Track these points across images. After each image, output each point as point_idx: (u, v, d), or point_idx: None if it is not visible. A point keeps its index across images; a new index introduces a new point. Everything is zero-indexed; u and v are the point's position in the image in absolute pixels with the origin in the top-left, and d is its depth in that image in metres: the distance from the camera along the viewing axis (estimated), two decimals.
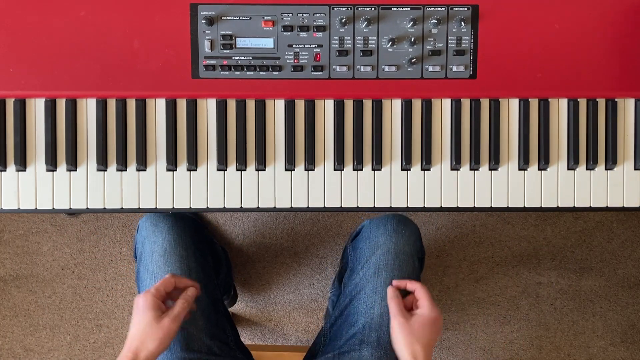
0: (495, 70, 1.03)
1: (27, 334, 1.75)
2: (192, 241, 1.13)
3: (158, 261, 1.09)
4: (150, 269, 1.09)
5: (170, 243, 1.10)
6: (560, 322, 1.79)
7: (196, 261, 1.11)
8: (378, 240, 1.12)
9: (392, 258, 1.09)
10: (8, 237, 1.73)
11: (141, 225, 1.15)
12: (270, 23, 1.01)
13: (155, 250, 1.10)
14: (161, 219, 1.13)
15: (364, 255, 1.13)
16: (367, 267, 1.10)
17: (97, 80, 1.01)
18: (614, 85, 1.04)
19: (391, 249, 1.10)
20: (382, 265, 1.09)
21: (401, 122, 1.05)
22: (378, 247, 1.11)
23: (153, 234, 1.11)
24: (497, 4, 1.02)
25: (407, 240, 1.12)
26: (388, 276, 1.08)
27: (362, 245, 1.15)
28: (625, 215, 1.79)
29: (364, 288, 1.09)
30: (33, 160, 1.03)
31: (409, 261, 1.10)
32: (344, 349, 1.08)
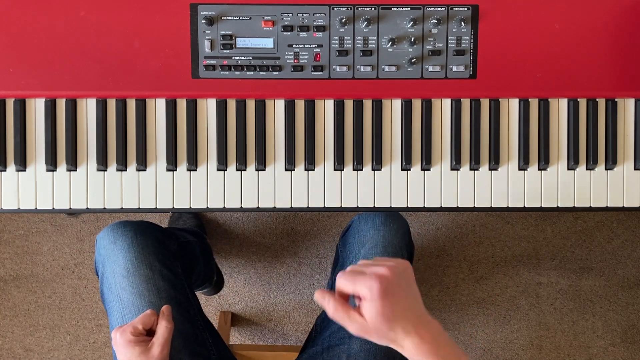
0: (495, 70, 1.03)
1: (27, 334, 1.75)
2: (157, 257, 1.06)
3: (122, 282, 1.03)
4: (115, 290, 1.04)
5: (132, 262, 1.03)
6: (560, 322, 1.79)
7: (164, 278, 1.05)
8: (366, 234, 1.11)
9: (380, 251, 1.09)
10: (8, 237, 1.73)
11: (99, 242, 1.09)
12: (270, 23, 1.01)
13: (117, 270, 1.04)
14: (119, 235, 1.06)
15: (352, 250, 1.12)
16: (356, 261, 1.10)
17: (97, 80, 1.01)
18: (614, 85, 1.04)
19: (379, 243, 1.09)
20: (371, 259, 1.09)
21: (401, 122, 1.05)
22: (366, 241, 1.10)
23: (113, 253, 1.05)
24: (497, 4, 1.02)
25: (395, 233, 1.11)
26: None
27: (351, 240, 1.14)
28: (625, 215, 1.79)
29: None
30: (33, 160, 1.03)
31: (397, 254, 1.10)
32: (333, 342, 1.08)
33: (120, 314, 1.03)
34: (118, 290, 1.03)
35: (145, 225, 1.10)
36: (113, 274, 1.04)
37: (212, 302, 1.76)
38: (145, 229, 1.09)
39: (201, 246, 1.44)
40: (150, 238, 1.07)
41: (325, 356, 1.08)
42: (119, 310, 1.03)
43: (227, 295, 1.76)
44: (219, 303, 1.76)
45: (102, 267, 1.07)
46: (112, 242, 1.06)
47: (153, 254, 1.06)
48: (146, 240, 1.06)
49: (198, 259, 1.36)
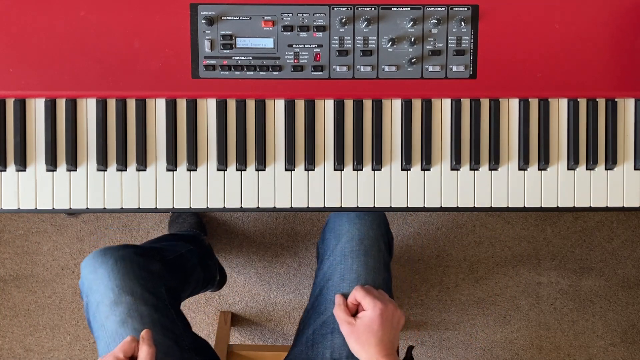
0: (495, 70, 1.03)
1: (27, 334, 1.75)
2: (138, 282, 1.06)
3: (105, 312, 1.04)
4: (99, 319, 1.04)
5: (113, 291, 1.04)
6: (560, 322, 1.79)
7: (146, 303, 1.05)
8: (342, 228, 1.12)
9: (356, 244, 1.10)
10: (8, 237, 1.73)
11: (82, 271, 1.10)
12: (270, 23, 1.01)
13: (99, 300, 1.05)
14: (100, 264, 1.07)
15: (329, 245, 1.14)
16: (334, 255, 1.11)
17: (97, 80, 1.01)
18: (614, 85, 1.04)
19: (355, 236, 1.11)
20: (348, 252, 1.10)
21: (401, 122, 1.05)
22: (342, 235, 1.12)
23: (94, 283, 1.06)
24: (497, 4, 1.02)
25: (371, 224, 1.12)
26: (354, 262, 1.09)
27: (328, 236, 1.16)
28: (625, 215, 1.79)
29: (332, 276, 1.10)
30: (33, 160, 1.03)
31: (374, 245, 1.11)
32: (317, 338, 1.09)
33: (105, 343, 1.03)
34: (102, 319, 1.04)
35: (126, 250, 1.10)
36: (96, 304, 1.05)
37: (212, 302, 1.76)
38: (125, 255, 1.09)
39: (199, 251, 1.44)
40: (131, 263, 1.08)
41: (310, 354, 1.09)
42: (104, 339, 1.04)
43: (227, 295, 1.76)
44: (218, 303, 1.76)
45: (86, 297, 1.08)
46: (93, 272, 1.07)
47: (134, 280, 1.06)
48: (126, 267, 1.07)
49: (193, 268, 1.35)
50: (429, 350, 1.80)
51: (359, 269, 1.09)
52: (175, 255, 1.27)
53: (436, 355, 1.80)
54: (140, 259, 1.10)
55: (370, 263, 1.10)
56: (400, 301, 1.78)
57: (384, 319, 0.99)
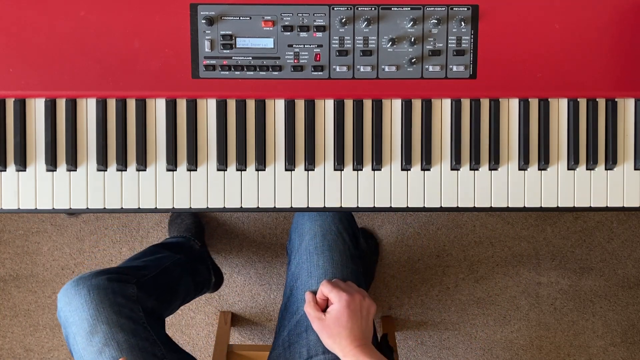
0: (495, 70, 1.03)
1: (27, 334, 1.75)
2: (113, 309, 1.05)
3: (82, 343, 1.03)
4: (77, 351, 1.04)
5: (88, 321, 1.03)
6: (560, 322, 1.79)
7: (123, 329, 1.04)
8: (304, 227, 1.14)
9: (320, 240, 1.11)
10: (8, 237, 1.73)
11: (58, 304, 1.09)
12: (270, 23, 1.01)
13: (76, 332, 1.04)
14: (74, 295, 1.06)
15: (294, 245, 1.15)
16: (299, 255, 1.12)
17: (97, 80, 1.01)
18: (614, 85, 1.04)
19: (318, 232, 1.11)
20: (312, 250, 1.10)
21: (401, 122, 1.05)
22: (305, 234, 1.12)
23: (70, 315, 1.05)
24: (497, 4, 1.02)
25: (332, 219, 1.13)
26: (320, 258, 1.10)
27: (292, 236, 1.17)
28: (625, 215, 1.79)
29: (300, 276, 1.11)
30: (33, 160, 1.03)
31: (337, 239, 1.11)
32: (292, 339, 1.09)
33: None
34: (80, 351, 1.04)
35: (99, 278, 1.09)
36: (73, 336, 1.04)
37: (212, 302, 1.76)
38: (99, 283, 1.07)
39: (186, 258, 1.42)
40: (105, 291, 1.07)
41: (288, 355, 1.09)
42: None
43: (227, 295, 1.76)
44: (218, 303, 1.76)
45: (65, 328, 1.07)
46: (68, 304, 1.06)
47: (109, 307, 1.05)
48: (100, 295, 1.05)
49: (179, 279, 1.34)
50: (429, 350, 1.80)
51: (325, 264, 1.10)
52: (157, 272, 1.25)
53: (436, 355, 1.80)
54: (114, 285, 1.09)
55: (335, 257, 1.10)
56: (400, 301, 1.78)
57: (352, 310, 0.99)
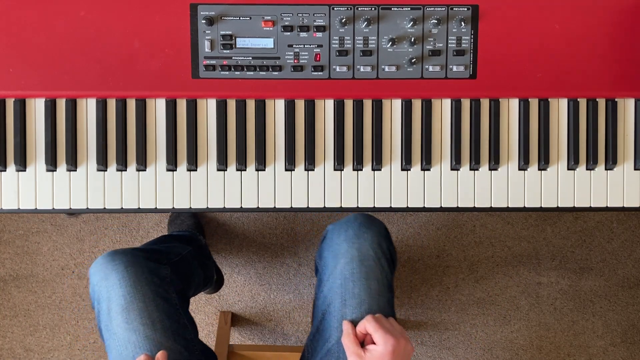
0: (495, 70, 1.03)
1: (27, 334, 1.75)
2: (150, 288, 1.04)
3: (117, 319, 1.02)
4: (111, 328, 1.03)
5: (125, 298, 1.02)
6: (560, 322, 1.79)
7: (158, 309, 1.04)
8: (340, 248, 1.06)
9: (357, 266, 1.04)
10: (8, 237, 1.73)
11: (91, 278, 1.07)
12: (270, 23, 1.01)
13: (111, 307, 1.03)
14: (110, 271, 1.04)
15: (328, 265, 1.07)
16: (333, 278, 1.05)
17: (97, 80, 1.01)
18: (614, 85, 1.04)
19: (355, 257, 1.04)
20: (348, 275, 1.04)
21: (401, 122, 1.05)
22: (341, 256, 1.05)
23: (105, 290, 1.04)
24: (497, 4, 1.02)
25: (371, 243, 1.05)
26: (355, 286, 1.03)
27: (325, 254, 1.09)
28: (625, 215, 1.79)
29: (333, 301, 1.05)
30: (33, 160, 1.03)
31: (376, 266, 1.05)
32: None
33: (117, 352, 1.02)
34: (114, 327, 1.02)
35: (135, 255, 1.08)
36: (108, 311, 1.03)
37: (212, 302, 1.76)
38: (135, 259, 1.07)
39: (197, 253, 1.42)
40: (142, 268, 1.06)
41: None
42: (116, 348, 1.02)
43: (227, 295, 1.76)
44: (219, 303, 1.76)
45: (98, 304, 1.06)
46: (103, 279, 1.04)
47: (146, 286, 1.04)
48: (137, 273, 1.05)
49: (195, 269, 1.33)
50: (429, 350, 1.80)
51: (361, 294, 1.03)
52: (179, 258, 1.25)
53: (436, 355, 1.80)
54: (150, 264, 1.08)
55: (373, 286, 1.04)
56: (400, 301, 1.78)
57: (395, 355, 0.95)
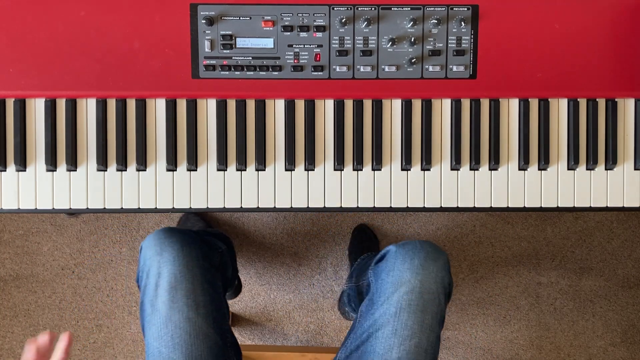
0: (495, 70, 1.03)
1: (27, 334, 1.75)
2: (200, 271, 1.04)
3: (163, 296, 1.02)
4: (156, 304, 1.02)
5: (175, 276, 1.02)
6: (560, 322, 1.79)
7: (204, 294, 1.04)
8: (402, 276, 1.03)
9: (416, 298, 1.02)
10: (8, 237, 1.73)
11: (144, 252, 1.06)
12: (270, 23, 1.01)
13: (160, 284, 1.02)
14: (166, 246, 1.04)
15: (385, 290, 1.05)
16: (388, 304, 1.03)
17: (97, 80, 1.01)
18: (614, 85, 1.04)
19: (416, 288, 1.02)
20: (405, 305, 1.02)
21: (401, 122, 1.05)
22: (402, 284, 1.03)
23: (158, 265, 1.03)
24: (497, 4, 1.02)
25: (435, 277, 1.03)
26: (410, 318, 1.01)
27: (384, 277, 1.06)
28: (625, 215, 1.79)
29: (383, 327, 1.03)
30: (33, 160, 1.03)
31: (434, 300, 1.03)
32: None
33: (157, 329, 1.02)
34: (158, 304, 1.02)
35: (191, 236, 1.08)
36: (155, 287, 1.02)
37: None
38: (191, 240, 1.06)
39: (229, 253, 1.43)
40: (196, 251, 1.05)
41: None
42: (156, 325, 1.02)
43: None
44: None
45: (146, 277, 1.05)
46: (158, 254, 1.03)
47: (197, 268, 1.04)
48: (191, 254, 1.04)
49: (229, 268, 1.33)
50: None
51: (414, 326, 1.01)
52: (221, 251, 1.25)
53: None
54: (204, 248, 1.08)
55: (427, 320, 1.02)
56: None
57: None
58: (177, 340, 1.00)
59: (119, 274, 1.72)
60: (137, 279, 1.09)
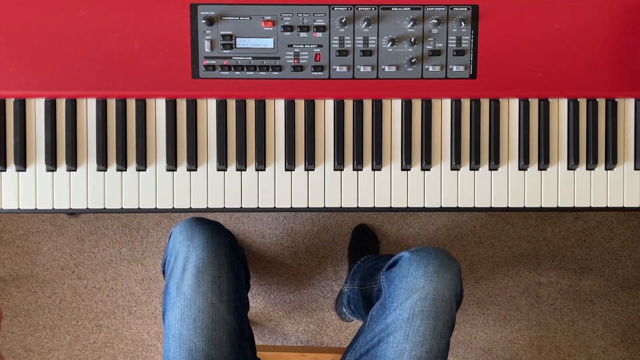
0: (495, 70, 1.03)
1: (27, 334, 1.75)
2: (227, 260, 1.08)
3: (189, 280, 1.04)
4: (181, 287, 1.05)
5: (204, 261, 1.05)
6: (560, 322, 1.79)
7: (228, 282, 1.07)
8: (416, 283, 1.04)
9: (429, 304, 1.03)
10: (8, 237, 1.73)
11: (174, 236, 1.09)
12: (270, 23, 1.01)
13: (187, 267, 1.05)
14: (197, 233, 1.07)
15: (398, 295, 1.06)
16: (401, 309, 1.04)
17: (97, 80, 1.01)
18: (614, 85, 1.04)
19: (429, 295, 1.03)
20: (418, 312, 1.03)
21: (401, 122, 1.05)
22: (415, 291, 1.03)
23: (187, 249, 1.06)
24: (497, 4, 1.02)
25: (448, 285, 1.04)
26: (422, 324, 1.02)
27: (397, 283, 1.07)
28: (625, 215, 1.79)
29: (395, 332, 1.04)
30: (33, 160, 1.03)
31: (446, 308, 1.04)
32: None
33: (180, 311, 1.04)
34: (184, 288, 1.05)
35: (220, 227, 1.12)
36: (183, 270, 1.05)
37: None
38: (220, 230, 1.10)
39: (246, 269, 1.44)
40: (224, 241, 1.09)
41: None
42: (180, 307, 1.04)
43: None
44: None
45: (174, 260, 1.08)
46: (188, 239, 1.06)
47: (224, 257, 1.07)
48: (220, 243, 1.08)
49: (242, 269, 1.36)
50: None
51: (426, 333, 1.02)
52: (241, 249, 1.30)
53: None
54: (232, 240, 1.12)
55: (439, 327, 1.03)
56: None
57: None
58: (198, 324, 1.03)
59: (119, 274, 1.72)
60: (163, 263, 1.13)
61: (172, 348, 1.04)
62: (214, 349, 1.02)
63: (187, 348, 1.03)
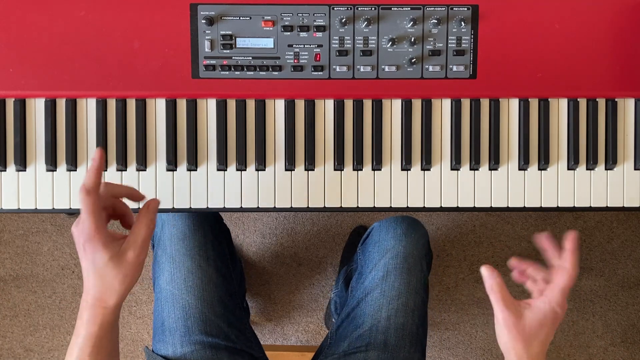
0: (495, 70, 1.03)
1: (27, 334, 1.75)
2: (211, 230, 1.13)
3: (177, 244, 1.09)
4: (169, 251, 1.09)
5: (189, 227, 1.10)
6: (560, 322, 1.80)
7: (214, 249, 1.11)
8: (387, 244, 1.12)
9: (400, 261, 1.10)
10: (8, 237, 1.73)
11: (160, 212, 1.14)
12: (270, 23, 1.01)
13: (174, 234, 1.10)
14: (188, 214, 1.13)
15: (372, 259, 1.13)
16: (376, 270, 1.11)
17: (97, 80, 1.01)
18: (614, 85, 1.04)
19: (400, 253, 1.10)
20: (391, 269, 1.10)
21: (401, 122, 1.05)
22: (387, 251, 1.11)
23: (173, 217, 1.11)
24: (497, 4, 1.02)
25: (416, 243, 1.12)
26: (396, 279, 1.09)
27: (370, 249, 1.15)
28: (625, 215, 1.79)
29: (372, 291, 1.10)
30: (33, 160, 1.03)
31: (417, 264, 1.11)
32: (350, 350, 1.08)
33: (170, 273, 1.08)
34: (172, 252, 1.09)
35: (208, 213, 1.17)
36: (170, 237, 1.10)
37: None
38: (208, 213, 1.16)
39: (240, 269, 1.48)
40: (209, 216, 1.15)
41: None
42: (169, 270, 1.08)
43: None
44: None
45: (160, 230, 1.12)
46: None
47: (208, 227, 1.12)
48: (206, 217, 1.14)
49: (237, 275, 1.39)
50: (429, 351, 1.80)
51: (400, 287, 1.09)
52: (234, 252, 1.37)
53: (436, 355, 1.80)
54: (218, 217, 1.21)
55: (412, 282, 1.09)
56: None
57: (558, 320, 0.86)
58: (189, 284, 1.06)
59: None
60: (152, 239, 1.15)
61: (165, 308, 1.07)
62: (207, 307, 1.06)
63: (180, 306, 1.06)
